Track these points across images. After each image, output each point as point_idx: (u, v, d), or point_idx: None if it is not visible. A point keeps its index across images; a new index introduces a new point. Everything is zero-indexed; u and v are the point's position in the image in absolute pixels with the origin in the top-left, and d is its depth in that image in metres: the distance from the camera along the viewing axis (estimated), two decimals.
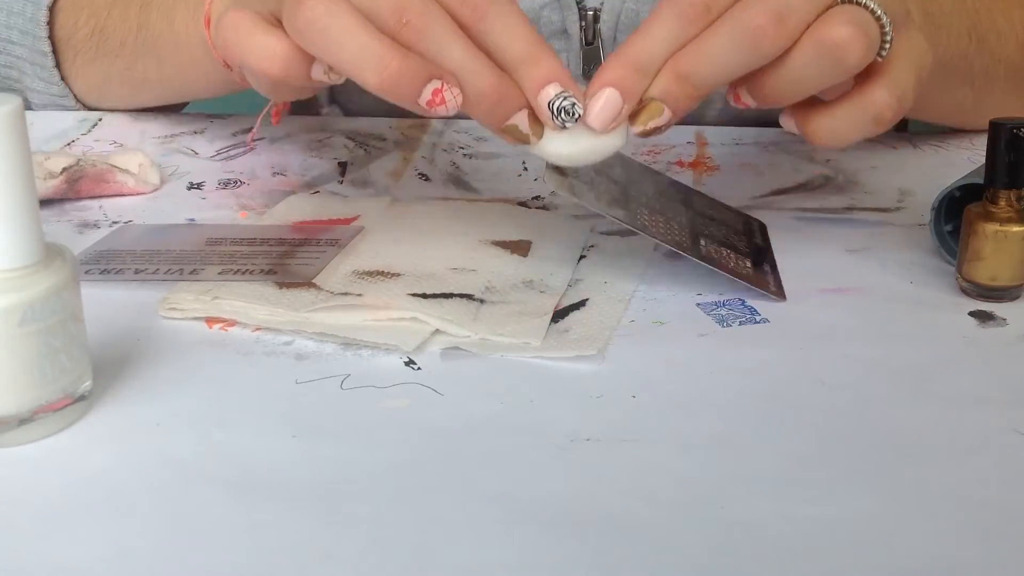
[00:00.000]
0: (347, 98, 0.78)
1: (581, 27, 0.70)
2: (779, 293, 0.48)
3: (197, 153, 0.67)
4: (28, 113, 0.37)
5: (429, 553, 0.33)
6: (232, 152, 0.67)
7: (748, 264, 0.49)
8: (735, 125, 0.72)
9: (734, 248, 0.50)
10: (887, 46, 0.45)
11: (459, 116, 0.45)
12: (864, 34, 0.44)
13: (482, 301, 0.46)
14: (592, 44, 0.71)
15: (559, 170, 0.48)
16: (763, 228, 0.55)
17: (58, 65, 0.69)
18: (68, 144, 0.67)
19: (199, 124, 0.71)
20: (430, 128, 0.71)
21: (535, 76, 0.44)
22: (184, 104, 0.74)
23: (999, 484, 0.36)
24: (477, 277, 0.48)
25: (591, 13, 0.70)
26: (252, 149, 0.68)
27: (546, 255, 0.51)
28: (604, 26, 0.70)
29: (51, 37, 0.69)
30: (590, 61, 0.71)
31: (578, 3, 0.70)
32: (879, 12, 0.44)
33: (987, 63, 0.64)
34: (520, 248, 0.52)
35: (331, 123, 0.72)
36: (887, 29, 0.45)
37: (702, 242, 0.49)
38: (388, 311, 0.45)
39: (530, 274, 0.49)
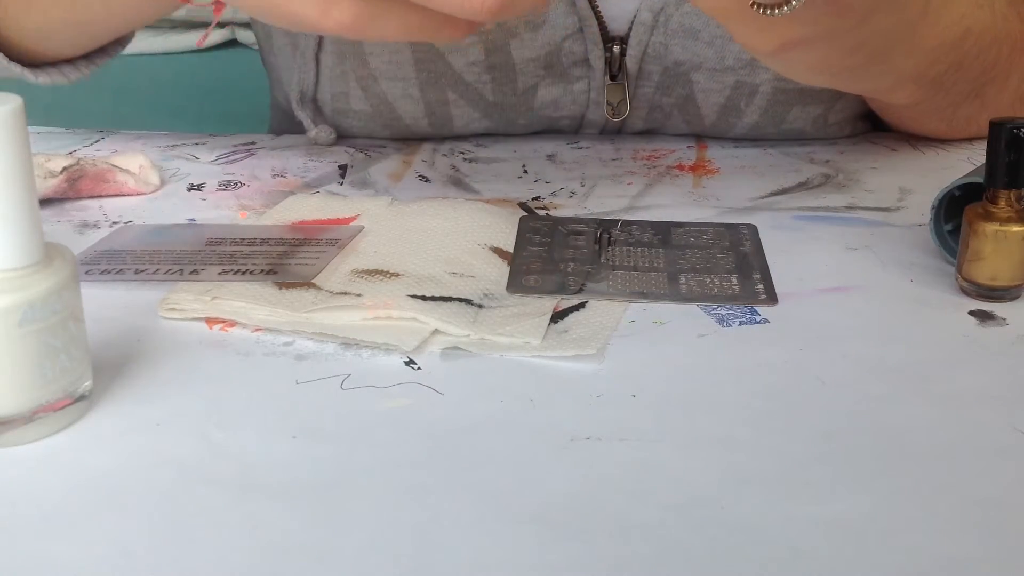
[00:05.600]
0: (338, 121, 0.71)
1: (606, 59, 0.65)
2: (769, 300, 0.48)
3: (198, 159, 0.67)
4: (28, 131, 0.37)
5: (429, 553, 0.33)
6: (233, 157, 0.67)
7: (734, 281, 0.49)
8: (758, 140, 0.70)
9: (718, 270, 0.50)
10: None
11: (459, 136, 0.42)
12: None
13: (480, 306, 0.46)
14: (617, 79, 0.66)
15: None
16: (753, 231, 0.55)
17: None
18: (69, 154, 0.67)
19: (200, 138, 0.71)
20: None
21: None
22: (122, 42, 0.68)
23: (999, 483, 0.36)
24: (476, 283, 0.48)
25: (617, 47, 0.65)
26: (252, 154, 0.68)
27: None
28: (630, 60, 0.65)
29: None
30: (615, 97, 0.66)
31: (602, 34, 0.65)
32: None
33: (970, 112, 0.65)
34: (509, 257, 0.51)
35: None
36: None
37: (681, 279, 0.49)
38: (388, 311, 0.45)
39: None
